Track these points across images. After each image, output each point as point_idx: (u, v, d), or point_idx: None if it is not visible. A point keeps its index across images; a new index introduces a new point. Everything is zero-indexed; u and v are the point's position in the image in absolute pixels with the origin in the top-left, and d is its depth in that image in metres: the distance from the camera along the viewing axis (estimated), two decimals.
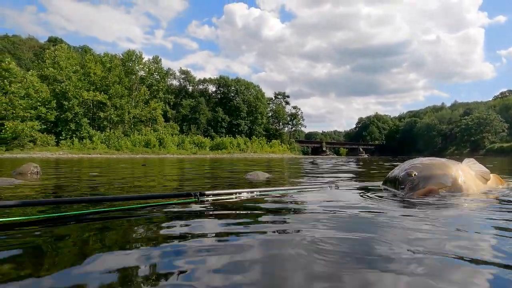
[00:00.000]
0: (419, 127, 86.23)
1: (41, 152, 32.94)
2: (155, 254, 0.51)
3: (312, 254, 0.51)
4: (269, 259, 0.51)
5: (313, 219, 0.76)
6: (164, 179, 2.06)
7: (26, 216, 0.78)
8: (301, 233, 0.67)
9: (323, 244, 0.55)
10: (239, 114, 63.49)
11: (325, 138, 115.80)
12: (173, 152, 43.43)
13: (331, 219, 0.75)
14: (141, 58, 50.54)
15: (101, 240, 0.60)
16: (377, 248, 0.54)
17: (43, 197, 1.22)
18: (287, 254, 0.51)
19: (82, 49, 59.82)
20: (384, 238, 0.61)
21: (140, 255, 0.50)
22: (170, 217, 0.80)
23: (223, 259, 0.51)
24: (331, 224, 0.73)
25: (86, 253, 0.51)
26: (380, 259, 0.49)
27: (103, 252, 0.52)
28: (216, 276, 0.43)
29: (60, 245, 0.56)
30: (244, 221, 0.71)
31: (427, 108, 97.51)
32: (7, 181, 1.85)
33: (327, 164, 5.39)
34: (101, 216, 0.80)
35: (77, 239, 0.61)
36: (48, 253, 0.51)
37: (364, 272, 0.44)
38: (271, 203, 1.01)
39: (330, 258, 0.49)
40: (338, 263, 0.46)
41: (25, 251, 0.52)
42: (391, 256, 0.51)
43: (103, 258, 0.48)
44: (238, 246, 0.56)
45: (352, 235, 0.64)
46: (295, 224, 0.74)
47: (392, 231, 0.66)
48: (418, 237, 0.63)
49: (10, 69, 34.82)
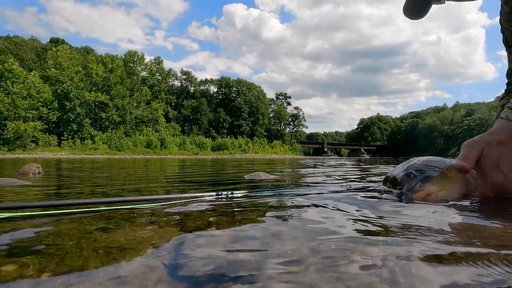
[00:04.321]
0: (421, 128, 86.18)
1: (43, 153, 33.05)
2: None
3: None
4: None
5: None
6: (175, 180, 2.06)
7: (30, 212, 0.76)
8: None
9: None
10: (240, 115, 63.58)
11: (326, 138, 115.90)
12: (175, 152, 43.51)
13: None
14: (142, 59, 50.73)
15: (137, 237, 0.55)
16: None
17: (45, 198, 1.22)
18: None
19: (84, 50, 60.10)
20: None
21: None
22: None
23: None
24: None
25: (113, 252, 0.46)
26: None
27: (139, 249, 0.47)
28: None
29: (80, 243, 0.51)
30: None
31: (429, 108, 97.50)
32: (10, 181, 1.85)
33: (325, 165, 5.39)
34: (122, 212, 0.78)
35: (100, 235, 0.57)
36: (52, 251, 0.47)
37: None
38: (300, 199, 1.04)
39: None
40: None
41: (26, 249, 0.48)
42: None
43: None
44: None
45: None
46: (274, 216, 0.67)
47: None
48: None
49: (12, 70, 35.00)
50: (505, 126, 0.92)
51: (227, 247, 0.47)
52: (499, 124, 0.95)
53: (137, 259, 0.42)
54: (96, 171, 3.36)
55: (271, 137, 66.11)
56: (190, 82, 63.34)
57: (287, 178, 2.25)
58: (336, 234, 0.55)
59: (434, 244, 0.51)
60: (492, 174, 0.90)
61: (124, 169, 3.96)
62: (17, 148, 34.06)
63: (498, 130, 0.93)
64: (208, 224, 0.67)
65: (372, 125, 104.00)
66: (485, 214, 0.79)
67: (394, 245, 0.50)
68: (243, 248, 0.46)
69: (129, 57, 49.33)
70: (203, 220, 0.72)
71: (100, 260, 0.42)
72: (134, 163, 7.46)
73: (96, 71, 43.13)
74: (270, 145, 60.47)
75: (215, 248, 0.47)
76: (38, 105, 36.96)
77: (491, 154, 0.90)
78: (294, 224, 0.66)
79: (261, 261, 0.41)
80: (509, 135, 0.90)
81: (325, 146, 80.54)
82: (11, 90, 34.59)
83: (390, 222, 0.66)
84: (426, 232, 0.58)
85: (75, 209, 0.83)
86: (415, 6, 1.30)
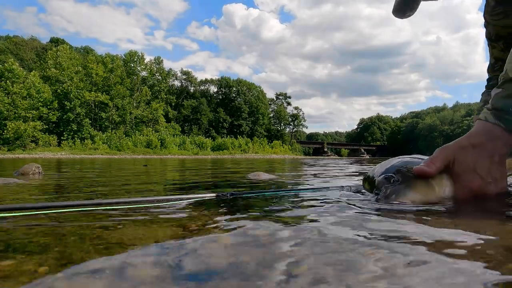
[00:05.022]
0: (421, 128, 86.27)
1: (42, 153, 33.07)
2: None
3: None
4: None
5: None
6: (175, 180, 2.06)
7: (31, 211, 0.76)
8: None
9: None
10: (240, 115, 63.62)
11: (326, 139, 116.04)
12: (175, 152, 43.54)
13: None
14: (143, 59, 50.76)
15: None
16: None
17: (46, 198, 1.22)
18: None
19: (84, 50, 60.13)
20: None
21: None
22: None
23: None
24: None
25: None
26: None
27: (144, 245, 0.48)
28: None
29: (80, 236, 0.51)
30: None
31: (429, 108, 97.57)
32: (10, 181, 1.85)
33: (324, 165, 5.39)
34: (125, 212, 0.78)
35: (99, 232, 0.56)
36: (53, 247, 0.47)
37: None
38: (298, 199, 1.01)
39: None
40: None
41: (25, 246, 0.48)
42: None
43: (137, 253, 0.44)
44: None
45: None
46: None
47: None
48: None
49: (12, 70, 35.02)
50: (483, 128, 0.91)
51: (228, 247, 0.47)
52: (477, 126, 0.93)
53: (138, 258, 0.42)
54: (96, 171, 3.36)
55: (271, 137, 66.15)
56: (190, 82, 63.38)
57: (287, 178, 2.25)
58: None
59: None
60: (469, 178, 0.87)
61: (124, 169, 3.96)
62: (17, 148, 34.09)
63: (475, 132, 0.91)
64: (209, 224, 0.67)
65: (372, 125, 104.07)
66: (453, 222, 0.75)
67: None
68: (243, 248, 0.46)
69: (129, 57, 49.37)
70: (203, 220, 0.71)
71: (101, 257, 0.42)
72: (134, 163, 7.46)
73: (96, 71, 43.15)
74: (270, 145, 60.51)
75: (216, 248, 0.47)
76: (38, 105, 36.98)
77: (467, 159, 0.87)
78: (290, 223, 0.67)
79: (262, 261, 0.41)
80: (486, 137, 0.88)
81: (325, 146, 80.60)
82: (11, 90, 34.61)
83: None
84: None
85: (75, 209, 0.83)
86: (405, 5, 1.30)
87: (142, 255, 0.43)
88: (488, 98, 1.47)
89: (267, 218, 0.73)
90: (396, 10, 1.28)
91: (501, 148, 0.87)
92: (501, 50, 1.33)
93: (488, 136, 0.88)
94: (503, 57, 1.34)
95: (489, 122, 0.89)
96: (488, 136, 0.88)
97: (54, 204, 0.84)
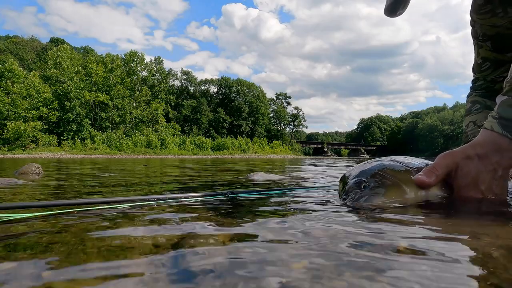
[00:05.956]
0: (421, 128, 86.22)
1: (43, 153, 33.06)
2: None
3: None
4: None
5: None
6: (175, 180, 2.06)
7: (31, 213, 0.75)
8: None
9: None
10: (240, 115, 63.61)
11: (326, 139, 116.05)
12: (175, 152, 43.52)
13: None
14: (143, 59, 50.73)
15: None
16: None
17: (45, 197, 1.22)
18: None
19: (84, 50, 60.15)
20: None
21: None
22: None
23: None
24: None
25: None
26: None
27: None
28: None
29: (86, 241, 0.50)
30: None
31: (429, 109, 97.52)
32: (10, 181, 1.85)
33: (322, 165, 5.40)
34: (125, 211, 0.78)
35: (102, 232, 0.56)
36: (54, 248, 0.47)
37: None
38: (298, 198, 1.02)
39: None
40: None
41: (26, 246, 0.48)
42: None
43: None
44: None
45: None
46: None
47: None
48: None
49: (12, 70, 35.01)
50: (489, 138, 0.85)
51: (228, 247, 0.47)
52: (483, 136, 0.87)
53: (138, 258, 0.42)
54: (96, 171, 3.36)
55: (271, 137, 66.13)
56: (190, 82, 63.37)
57: (287, 178, 2.26)
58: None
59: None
60: (469, 191, 0.84)
61: (124, 169, 3.97)
62: (17, 148, 34.07)
63: (481, 142, 0.86)
64: (209, 224, 0.67)
65: (372, 125, 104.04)
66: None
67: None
68: (243, 248, 0.46)
69: (129, 57, 49.34)
70: (204, 220, 0.72)
71: (100, 257, 0.42)
72: (134, 163, 7.46)
73: (96, 71, 43.13)
74: (270, 145, 60.49)
75: (216, 248, 0.47)
76: (38, 105, 36.97)
77: (470, 170, 0.83)
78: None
79: (262, 261, 0.40)
80: (492, 147, 0.83)
81: (325, 146, 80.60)
82: (11, 90, 34.60)
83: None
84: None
85: (75, 209, 0.83)
86: (397, 3, 1.26)
87: (141, 255, 0.43)
88: (476, 100, 1.44)
89: (265, 216, 0.74)
90: (387, 9, 1.24)
91: (506, 161, 0.83)
92: (488, 49, 1.28)
93: (494, 147, 0.84)
94: (491, 56, 1.29)
95: (495, 132, 0.84)
96: (494, 147, 0.84)
97: (54, 203, 0.84)
